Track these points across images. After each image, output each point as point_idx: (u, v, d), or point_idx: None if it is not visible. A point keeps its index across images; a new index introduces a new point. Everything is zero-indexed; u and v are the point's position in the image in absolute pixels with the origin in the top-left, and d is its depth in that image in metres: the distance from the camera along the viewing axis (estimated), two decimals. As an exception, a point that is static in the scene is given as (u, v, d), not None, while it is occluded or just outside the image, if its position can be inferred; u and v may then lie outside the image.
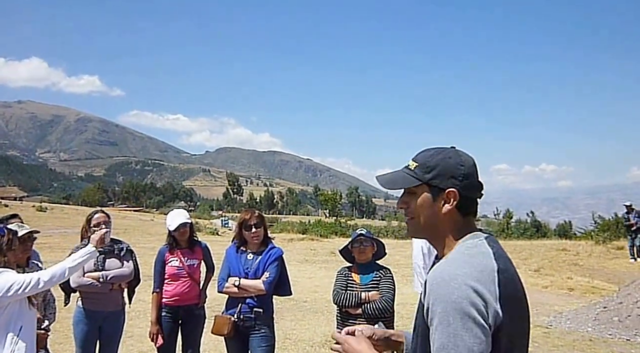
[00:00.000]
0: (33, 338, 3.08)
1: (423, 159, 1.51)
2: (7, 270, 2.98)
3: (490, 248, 1.40)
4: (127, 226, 39.54)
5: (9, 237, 3.07)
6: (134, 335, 7.07)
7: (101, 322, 4.32)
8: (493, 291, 1.29)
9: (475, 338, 1.24)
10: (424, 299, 1.36)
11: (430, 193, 1.47)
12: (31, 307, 3.09)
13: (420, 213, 1.50)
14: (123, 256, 4.46)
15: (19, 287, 2.90)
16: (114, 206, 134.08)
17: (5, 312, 2.92)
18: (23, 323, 2.99)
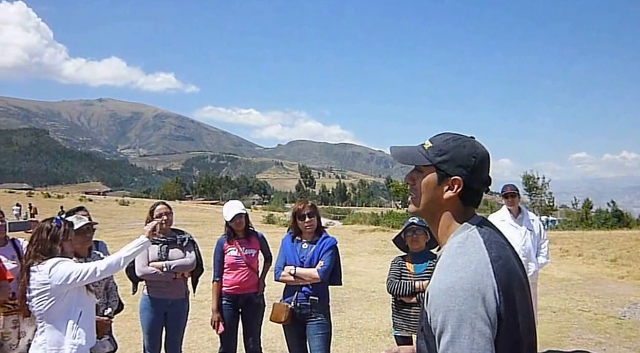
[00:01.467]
0: (92, 323, 3.28)
1: (439, 141, 1.50)
2: (65, 259, 3.18)
3: (480, 237, 1.40)
4: (205, 218, 41.16)
5: (65, 227, 3.26)
6: (205, 323, 7.34)
7: (166, 309, 4.50)
8: (490, 286, 1.30)
9: (473, 343, 1.25)
10: (426, 307, 1.38)
11: (437, 176, 1.47)
12: (89, 293, 3.28)
13: (423, 193, 1.51)
14: (185, 246, 4.62)
15: (77, 275, 3.08)
16: (192, 199, 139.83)
17: (65, 298, 3.11)
18: (82, 309, 3.18)
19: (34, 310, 3.11)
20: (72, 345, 3.09)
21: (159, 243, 4.48)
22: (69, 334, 3.09)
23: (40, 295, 3.05)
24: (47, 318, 3.09)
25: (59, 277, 3.05)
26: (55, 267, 3.06)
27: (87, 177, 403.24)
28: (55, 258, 3.12)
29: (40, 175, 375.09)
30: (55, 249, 3.15)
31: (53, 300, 3.06)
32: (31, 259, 3.11)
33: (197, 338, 6.68)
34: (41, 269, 3.06)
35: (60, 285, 3.05)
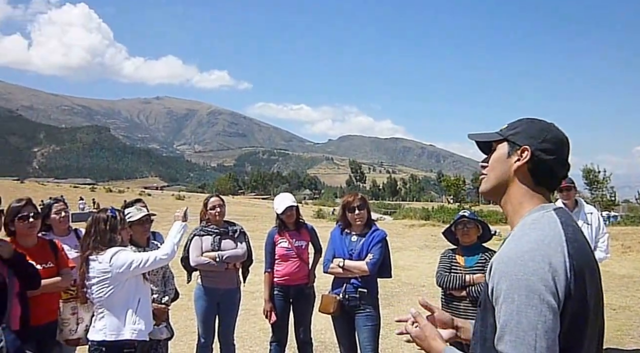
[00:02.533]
0: (150, 310, 3.43)
1: (514, 121, 1.51)
2: (124, 248, 3.33)
3: (557, 218, 1.35)
4: (256, 213, 41.81)
5: (120, 217, 3.41)
6: (257, 314, 7.50)
7: (219, 298, 4.62)
8: (562, 263, 1.24)
9: (540, 315, 1.19)
10: (488, 279, 1.32)
11: (507, 148, 1.46)
12: (145, 282, 3.43)
13: (492, 168, 1.49)
14: (237, 237, 4.72)
15: (138, 263, 3.23)
16: (244, 194, 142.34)
17: (125, 286, 3.26)
18: (141, 296, 3.34)
19: (93, 297, 3.26)
20: (133, 330, 3.23)
21: (212, 235, 4.61)
22: (128, 320, 3.24)
23: (101, 283, 3.20)
24: (107, 305, 3.24)
25: (119, 265, 3.19)
26: (116, 256, 3.21)
27: (145, 173, 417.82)
28: (115, 247, 3.26)
29: (102, 170, 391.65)
30: (115, 239, 3.29)
31: (113, 288, 3.21)
32: (90, 250, 3.25)
33: (249, 328, 6.83)
34: (101, 258, 3.20)
35: (121, 273, 3.20)
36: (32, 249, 3.49)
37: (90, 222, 3.34)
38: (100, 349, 3.22)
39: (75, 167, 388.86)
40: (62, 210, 4.12)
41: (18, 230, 3.49)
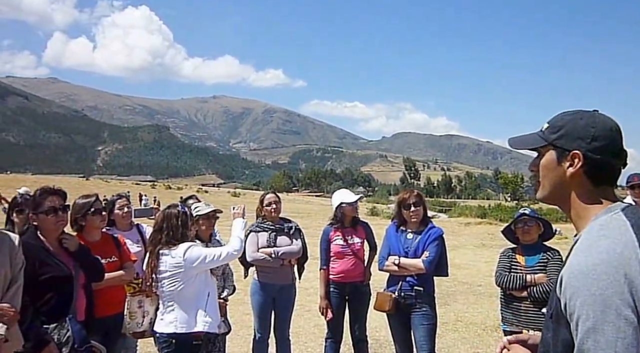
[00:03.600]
0: (217, 304, 3.52)
1: (555, 119, 1.39)
2: (196, 243, 3.43)
3: (627, 220, 1.25)
4: (310, 210, 42.05)
5: (190, 213, 3.50)
6: (312, 310, 7.54)
7: (274, 294, 4.65)
8: (638, 272, 1.15)
9: (619, 332, 1.10)
10: (560, 294, 1.23)
11: (555, 155, 1.35)
12: (212, 276, 3.53)
13: (544, 176, 1.39)
14: (292, 234, 4.74)
15: (211, 258, 3.33)
16: (298, 191, 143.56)
17: (196, 280, 3.35)
18: (210, 290, 3.43)
19: (163, 291, 3.36)
20: (204, 322, 3.33)
21: (268, 231, 4.66)
22: (199, 313, 3.34)
23: (173, 277, 3.30)
24: (178, 299, 3.34)
25: (192, 259, 3.29)
26: (189, 251, 3.30)
27: (203, 170, 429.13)
28: (187, 243, 3.35)
29: (162, 168, 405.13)
30: (186, 234, 3.40)
31: (184, 282, 3.30)
32: (162, 245, 3.34)
33: (304, 323, 6.87)
34: (174, 253, 3.30)
35: (193, 268, 3.30)
36: (96, 243, 3.62)
37: (161, 217, 3.43)
38: (170, 341, 3.32)
39: (137, 165, 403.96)
40: (125, 206, 4.27)
41: (89, 224, 3.63)
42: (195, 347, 3.35)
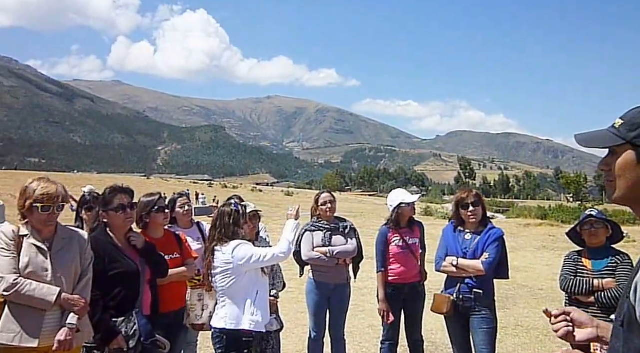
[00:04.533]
0: (267, 303, 3.55)
1: (631, 116, 1.28)
2: (246, 242, 3.48)
3: None
4: (363, 210, 41.93)
5: (243, 211, 3.56)
6: (365, 310, 7.53)
7: (329, 293, 4.66)
8: None
9: None
10: (634, 301, 1.16)
11: (635, 154, 1.24)
12: (264, 275, 3.55)
13: (621, 176, 1.27)
14: (347, 233, 4.74)
15: (257, 258, 3.37)
16: (351, 191, 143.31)
17: (245, 278, 3.41)
18: (259, 289, 3.46)
19: (216, 286, 3.47)
20: (251, 321, 3.38)
21: (323, 230, 4.67)
22: (247, 311, 3.39)
23: (224, 273, 3.40)
24: (229, 294, 3.42)
25: (240, 257, 3.36)
26: (237, 249, 3.38)
27: (257, 170, 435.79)
28: (237, 240, 3.43)
29: (218, 167, 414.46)
30: (237, 232, 3.48)
31: (234, 278, 3.38)
32: (215, 241, 3.45)
33: (358, 323, 6.86)
34: (225, 250, 3.39)
35: (241, 265, 3.36)
36: (160, 240, 3.75)
37: (216, 215, 3.55)
38: (221, 336, 3.40)
39: (194, 164, 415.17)
40: (185, 204, 4.40)
41: (153, 221, 3.77)
42: (245, 343, 3.39)
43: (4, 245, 2.72)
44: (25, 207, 2.77)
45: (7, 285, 2.64)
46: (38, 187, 2.77)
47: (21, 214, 2.82)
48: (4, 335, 2.66)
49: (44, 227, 2.81)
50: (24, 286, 2.65)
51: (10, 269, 2.68)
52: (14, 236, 2.75)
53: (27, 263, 2.72)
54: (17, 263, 2.71)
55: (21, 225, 2.81)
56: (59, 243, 2.86)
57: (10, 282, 2.63)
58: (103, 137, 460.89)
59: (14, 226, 2.81)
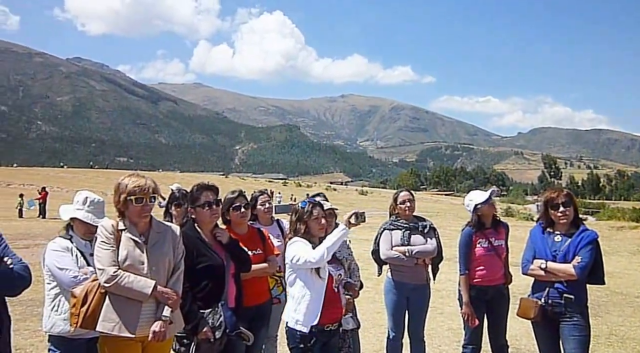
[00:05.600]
0: (316, 306, 3.40)
1: None
2: (300, 240, 3.45)
3: None
4: (439, 209, 41.15)
5: (309, 208, 3.53)
6: (444, 313, 7.36)
7: (408, 293, 4.59)
8: None
9: None
10: None
11: None
12: (317, 278, 3.41)
13: None
14: (427, 233, 4.65)
15: (296, 259, 3.37)
16: (426, 190, 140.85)
17: (300, 275, 3.43)
18: (309, 289, 3.40)
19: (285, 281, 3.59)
20: (292, 318, 3.43)
21: (402, 229, 4.61)
22: (298, 309, 3.41)
23: (287, 268, 3.50)
24: (290, 290, 3.53)
25: (289, 255, 3.43)
26: (290, 246, 3.45)
27: (331, 168, 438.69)
28: (296, 237, 3.47)
29: (292, 166, 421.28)
30: (299, 229, 3.49)
31: (293, 275, 3.46)
32: (287, 238, 3.56)
33: (437, 326, 6.71)
34: (288, 246, 3.48)
35: (291, 264, 3.43)
36: (244, 236, 3.85)
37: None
38: (287, 331, 3.48)
39: (270, 163, 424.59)
40: (266, 201, 4.49)
41: (232, 219, 3.89)
42: (304, 339, 3.37)
43: (104, 239, 2.88)
44: (120, 202, 2.92)
45: (108, 277, 2.79)
46: (129, 181, 2.92)
47: (118, 210, 2.98)
48: (105, 323, 2.82)
49: (139, 220, 2.96)
50: (123, 278, 2.79)
51: (110, 262, 2.83)
52: (114, 230, 2.90)
53: (126, 256, 2.87)
54: (117, 256, 2.86)
55: (119, 220, 2.97)
56: (154, 237, 3.00)
57: (110, 274, 2.79)
58: (185, 138, 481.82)
59: (113, 220, 2.98)
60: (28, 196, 27.78)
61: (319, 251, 3.32)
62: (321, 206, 3.66)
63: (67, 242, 3.38)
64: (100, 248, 2.87)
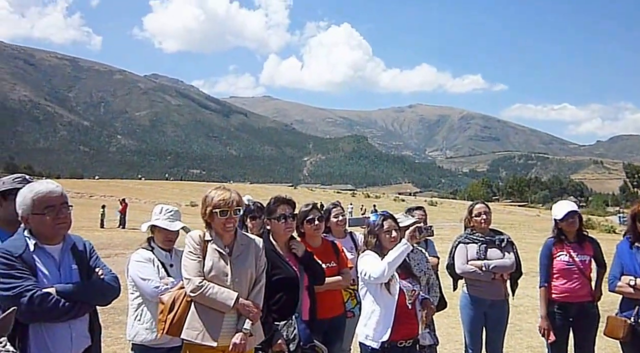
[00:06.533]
0: (386, 320, 3.38)
1: None
2: (368, 254, 3.46)
3: None
4: (513, 221, 39.64)
5: (380, 221, 3.53)
6: (523, 329, 7.08)
7: (486, 308, 4.47)
8: None
9: None
10: None
11: None
12: (387, 293, 3.40)
13: None
14: (504, 247, 4.51)
15: (365, 273, 3.37)
16: (498, 201, 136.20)
17: (371, 291, 3.43)
18: (380, 305, 3.39)
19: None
20: (363, 333, 3.44)
21: (478, 243, 4.50)
22: (369, 323, 3.43)
23: (360, 283, 3.54)
24: (363, 303, 3.54)
25: (359, 269, 3.46)
26: (361, 259, 3.49)
27: (399, 179, 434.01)
28: (367, 250, 3.50)
29: (360, 177, 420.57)
30: (370, 242, 3.53)
31: (365, 290, 3.48)
32: (360, 251, 3.58)
33: (515, 343, 6.46)
34: (359, 260, 3.52)
35: (361, 277, 3.43)
36: (318, 249, 3.88)
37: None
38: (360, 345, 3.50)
39: (338, 174, 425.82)
40: (339, 214, 4.52)
41: (306, 231, 3.94)
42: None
43: (191, 249, 3.00)
44: (207, 214, 3.04)
45: (193, 287, 2.89)
46: (215, 194, 3.03)
47: (205, 222, 3.10)
48: (189, 331, 2.94)
49: (224, 232, 3.05)
50: (208, 289, 2.89)
51: (196, 272, 2.93)
52: (201, 241, 3.02)
53: (211, 267, 2.96)
54: (202, 267, 2.96)
55: (206, 231, 3.09)
56: (238, 249, 3.08)
57: (196, 284, 2.89)
58: (255, 149, 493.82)
59: (200, 231, 3.09)
60: (110, 207, 29.32)
61: (380, 267, 3.32)
62: (393, 218, 3.64)
63: (149, 253, 3.55)
64: (187, 258, 2.99)
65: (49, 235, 2.57)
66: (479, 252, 4.48)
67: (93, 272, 2.70)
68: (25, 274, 2.42)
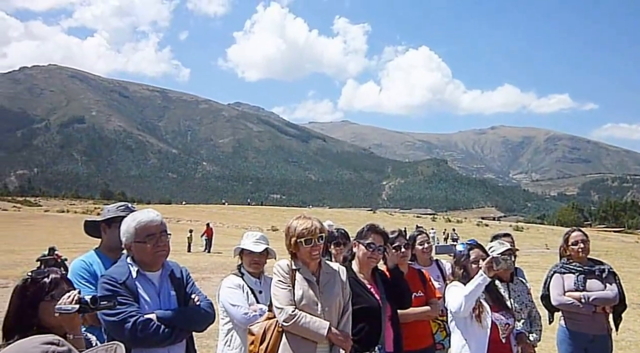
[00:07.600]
0: None
1: None
2: (456, 285, 3.39)
3: None
4: (608, 248, 36.98)
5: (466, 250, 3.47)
6: (626, 367, 6.53)
7: (586, 344, 4.18)
8: None
9: None
10: None
11: None
12: (478, 325, 3.28)
13: None
14: (605, 278, 4.22)
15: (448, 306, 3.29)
16: (591, 226, 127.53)
17: (460, 324, 3.31)
18: (470, 340, 3.25)
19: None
20: None
21: (575, 273, 4.23)
22: None
23: (449, 315, 3.46)
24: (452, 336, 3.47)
25: (446, 300, 3.39)
26: (448, 290, 3.42)
27: (482, 203, 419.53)
28: (455, 281, 3.44)
29: (440, 201, 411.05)
30: (457, 272, 3.45)
31: (454, 323, 3.39)
32: (448, 281, 3.52)
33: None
34: (446, 291, 3.43)
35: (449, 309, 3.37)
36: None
37: None
38: None
39: (417, 198, 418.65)
40: (425, 241, 4.40)
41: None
42: None
43: (281, 278, 3.02)
44: (292, 245, 3.06)
45: (286, 316, 2.89)
46: (298, 224, 3.04)
47: (290, 253, 3.12)
48: None
49: (311, 260, 3.06)
50: (301, 318, 2.87)
51: (288, 301, 2.94)
52: (289, 269, 3.04)
53: (301, 296, 2.96)
54: (293, 296, 2.96)
55: (292, 261, 3.11)
56: (325, 277, 3.08)
57: (289, 314, 2.89)
58: (333, 174, 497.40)
59: (287, 260, 3.12)
60: (196, 232, 30.43)
61: (457, 300, 3.25)
62: (481, 247, 3.51)
63: (239, 279, 3.63)
64: (277, 287, 3.01)
65: (150, 262, 2.69)
66: (576, 282, 4.22)
67: (190, 298, 2.79)
68: (129, 300, 2.54)
